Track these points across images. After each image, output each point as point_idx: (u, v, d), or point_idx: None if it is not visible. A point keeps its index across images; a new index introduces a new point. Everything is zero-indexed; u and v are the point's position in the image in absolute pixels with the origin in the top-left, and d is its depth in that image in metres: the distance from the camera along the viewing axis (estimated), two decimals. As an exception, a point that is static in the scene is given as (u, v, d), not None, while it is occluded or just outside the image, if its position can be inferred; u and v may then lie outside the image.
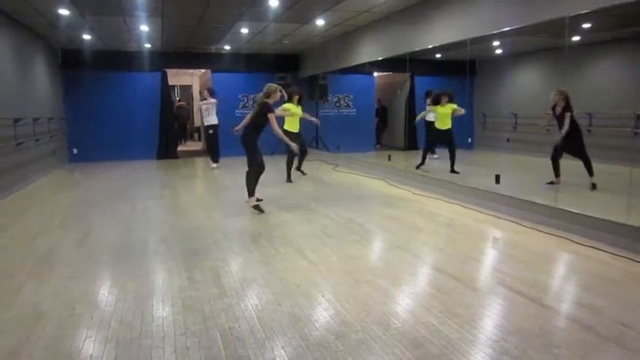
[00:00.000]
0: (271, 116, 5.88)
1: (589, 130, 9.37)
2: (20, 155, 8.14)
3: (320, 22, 9.01)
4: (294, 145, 6.51)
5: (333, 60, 11.19)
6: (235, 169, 10.00)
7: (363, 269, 3.94)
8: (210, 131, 10.56)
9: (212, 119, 10.46)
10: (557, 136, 6.65)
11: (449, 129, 8.52)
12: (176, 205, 6.88)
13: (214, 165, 10.61)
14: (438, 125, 8.60)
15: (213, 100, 10.44)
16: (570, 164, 6.82)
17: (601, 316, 2.97)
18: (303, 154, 8.75)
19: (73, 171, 10.75)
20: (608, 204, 5.79)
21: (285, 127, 8.07)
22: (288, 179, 8.47)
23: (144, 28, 9.33)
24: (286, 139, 6.33)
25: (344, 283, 3.63)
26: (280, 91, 6.06)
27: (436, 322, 2.89)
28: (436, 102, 8.60)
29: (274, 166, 8.87)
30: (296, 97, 8.36)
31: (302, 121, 8.57)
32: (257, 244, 4.68)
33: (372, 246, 4.77)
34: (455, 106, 8.51)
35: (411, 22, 7.89)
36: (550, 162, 6.79)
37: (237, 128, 6.25)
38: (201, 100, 10.79)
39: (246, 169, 6.12)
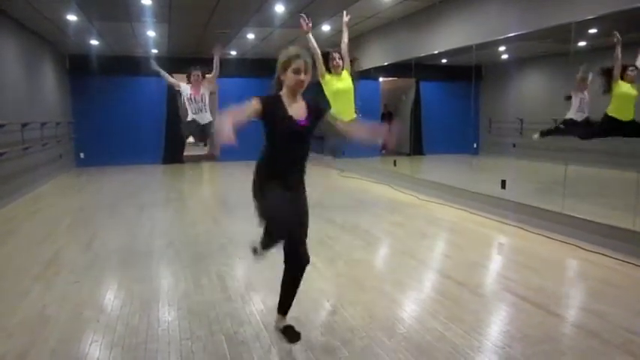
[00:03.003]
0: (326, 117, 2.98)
1: (595, 136, 9.33)
2: (27, 159, 8.20)
3: (326, 27, 9.03)
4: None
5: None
6: (238, 174, 10.03)
7: (368, 275, 3.94)
8: None
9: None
10: None
11: (633, 120, 5.55)
12: (182, 209, 6.90)
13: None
14: (618, 114, 5.59)
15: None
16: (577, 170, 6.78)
17: (607, 323, 2.95)
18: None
19: (79, 175, 10.80)
20: (616, 210, 5.76)
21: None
22: None
23: (151, 33, 9.40)
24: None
25: (349, 288, 3.63)
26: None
27: (441, 328, 2.89)
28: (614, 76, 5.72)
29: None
30: (336, 62, 5.56)
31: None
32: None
33: (377, 251, 4.76)
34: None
35: (417, 28, 7.91)
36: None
37: None
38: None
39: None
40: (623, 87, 5.57)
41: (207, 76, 6.36)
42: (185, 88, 6.33)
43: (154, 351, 2.66)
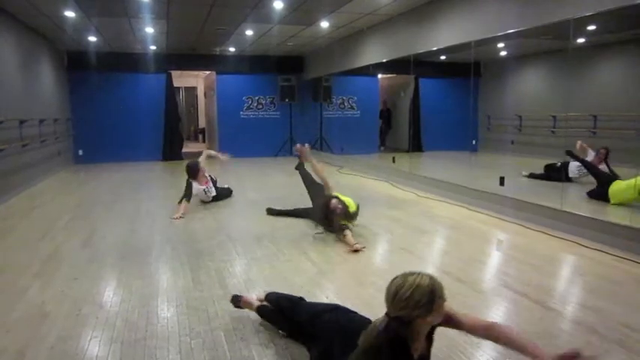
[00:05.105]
0: None
1: (594, 132, 9.36)
2: (26, 156, 8.19)
3: (324, 24, 9.02)
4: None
5: (337, 62, 11.21)
6: (237, 170, 10.04)
7: (367, 271, 3.94)
8: None
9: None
10: None
11: None
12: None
13: None
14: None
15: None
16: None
17: (605, 319, 2.96)
18: None
19: (78, 172, 10.79)
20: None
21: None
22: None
23: (149, 29, 9.37)
24: None
25: (348, 284, 3.63)
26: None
27: (440, 323, 2.89)
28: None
29: (279, 166, 8.89)
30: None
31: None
32: (261, 245, 4.69)
33: (376, 248, 4.76)
34: None
35: (416, 24, 7.90)
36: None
37: None
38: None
39: None
40: None
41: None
42: (197, 187, 6.62)
43: (153, 347, 2.66)
